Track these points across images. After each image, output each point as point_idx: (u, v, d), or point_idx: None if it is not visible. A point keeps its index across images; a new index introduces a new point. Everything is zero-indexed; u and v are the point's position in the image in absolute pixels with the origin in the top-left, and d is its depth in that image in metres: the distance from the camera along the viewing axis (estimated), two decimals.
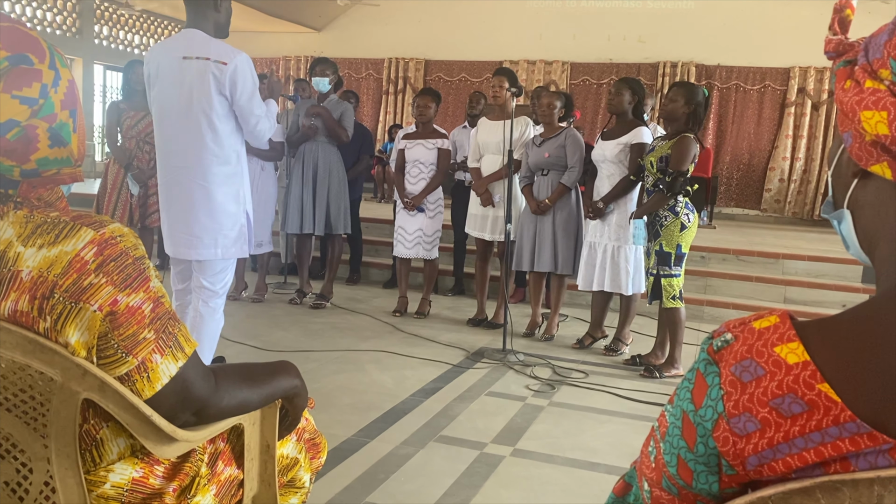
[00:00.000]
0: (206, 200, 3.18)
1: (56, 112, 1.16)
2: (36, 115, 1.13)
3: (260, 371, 1.42)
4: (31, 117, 1.12)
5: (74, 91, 1.20)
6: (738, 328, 0.75)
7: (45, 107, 1.14)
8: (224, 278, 3.33)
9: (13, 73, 1.12)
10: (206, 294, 3.29)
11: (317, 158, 5.44)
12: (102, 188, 5.73)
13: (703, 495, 0.76)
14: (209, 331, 3.30)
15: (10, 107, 1.11)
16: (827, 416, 0.67)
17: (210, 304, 3.29)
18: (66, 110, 1.17)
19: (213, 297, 3.30)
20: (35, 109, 1.13)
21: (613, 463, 3.07)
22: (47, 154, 1.14)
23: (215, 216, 3.20)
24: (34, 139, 1.13)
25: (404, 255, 5.55)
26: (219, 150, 3.18)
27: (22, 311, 1.09)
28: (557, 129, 4.95)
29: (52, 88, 1.15)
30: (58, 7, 11.74)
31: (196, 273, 3.31)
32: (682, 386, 0.78)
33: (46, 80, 1.14)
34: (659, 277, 4.20)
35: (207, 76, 3.10)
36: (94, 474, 1.19)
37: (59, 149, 1.16)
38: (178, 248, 3.27)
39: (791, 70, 11.38)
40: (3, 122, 1.10)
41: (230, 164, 3.22)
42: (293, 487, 1.61)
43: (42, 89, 1.14)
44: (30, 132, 1.12)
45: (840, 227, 0.81)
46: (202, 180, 3.17)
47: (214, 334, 3.35)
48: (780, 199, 11.60)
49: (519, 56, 12.47)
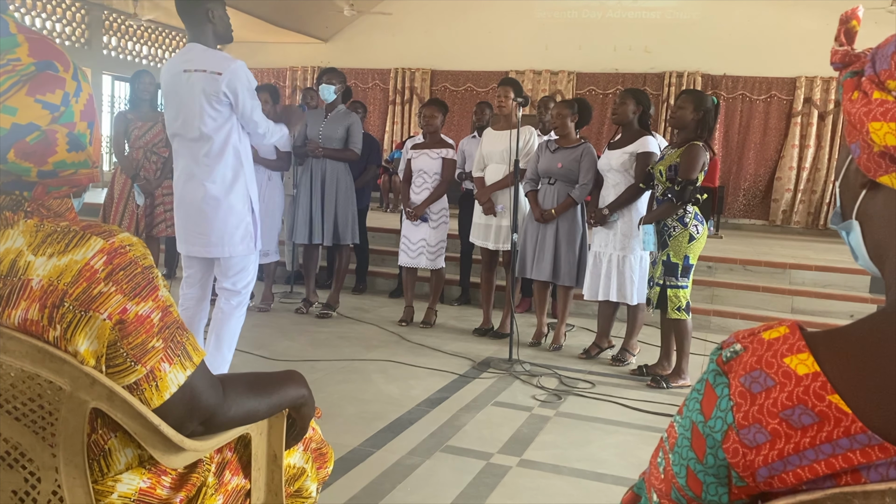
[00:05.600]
0: (211, 202, 3.34)
1: (76, 121, 1.18)
2: (56, 121, 1.15)
3: (267, 380, 1.42)
4: (51, 122, 1.14)
5: (93, 106, 1.22)
6: (748, 339, 0.75)
7: (66, 114, 1.16)
8: (245, 278, 3.48)
9: (38, 79, 1.14)
10: (227, 293, 3.48)
11: (324, 168, 5.46)
12: (109, 198, 5.75)
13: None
14: (229, 328, 3.49)
15: (32, 110, 1.12)
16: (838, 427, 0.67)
17: (232, 301, 3.47)
18: (84, 121, 1.19)
19: (235, 295, 3.47)
20: (56, 116, 1.15)
21: (621, 474, 3.06)
22: (65, 158, 1.16)
23: (221, 216, 3.35)
24: (53, 143, 1.15)
25: (408, 264, 5.55)
26: (219, 155, 3.32)
27: (32, 320, 1.09)
28: (575, 141, 4.91)
29: (74, 98, 1.17)
30: (66, 18, 11.82)
31: (218, 276, 3.49)
32: (691, 397, 0.78)
33: (69, 88, 1.17)
34: (665, 288, 4.19)
35: (204, 87, 3.24)
36: (102, 484, 1.19)
37: (77, 153, 1.18)
38: (190, 246, 3.43)
39: (797, 80, 11.37)
40: (24, 125, 1.12)
41: (232, 167, 3.36)
42: (300, 497, 1.60)
43: (64, 97, 1.16)
44: (49, 136, 1.14)
45: (849, 238, 0.81)
46: (207, 183, 3.33)
47: (235, 331, 3.52)
48: (787, 209, 11.57)
49: (525, 66, 12.50)
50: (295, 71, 13.92)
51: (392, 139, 13.08)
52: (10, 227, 1.15)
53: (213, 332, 3.49)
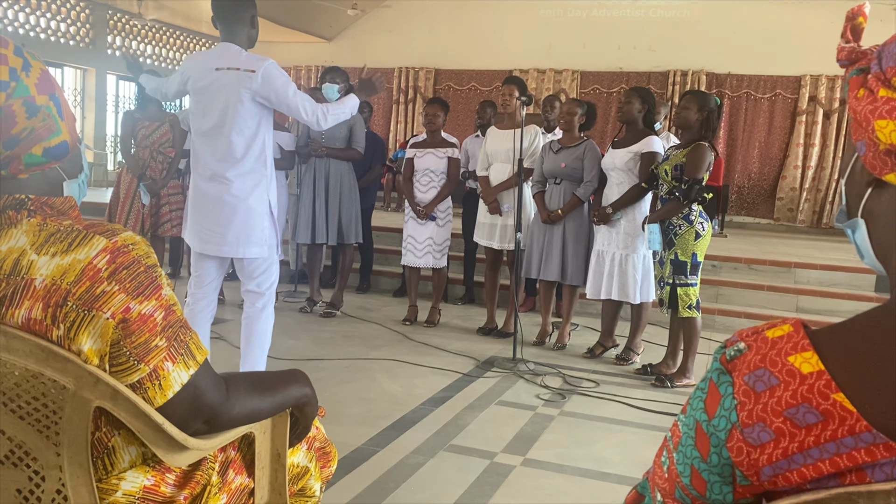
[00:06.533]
0: (231, 201, 3.30)
1: (33, 94, 1.15)
2: (10, 97, 1.12)
3: (271, 379, 1.42)
4: (6, 100, 1.12)
5: (50, 78, 1.19)
6: (752, 337, 0.74)
7: (19, 89, 1.13)
8: (268, 279, 3.47)
9: None
10: (252, 296, 3.47)
11: (328, 168, 5.46)
12: (115, 197, 5.76)
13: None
14: (258, 330, 3.48)
15: None
16: (842, 426, 0.66)
17: (257, 304, 3.46)
18: (44, 94, 1.16)
19: (260, 298, 3.46)
20: (9, 93, 1.12)
21: (624, 473, 3.05)
22: (25, 125, 1.14)
23: (239, 217, 3.31)
24: (12, 115, 1.13)
25: (415, 264, 5.55)
26: (243, 156, 3.29)
27: (35, 319, 1.09)
28: (578, 139, 4.91)
29: (23, 72, 1.14)
30: (71, 18, 11.85)
31: (242, 278, 3.48)
32: (694, 395, 0.78)
33: (14, 63, 1.14)
34: (675, 287, 4.18)
35: (238, 85, 3.23)
36: (106, 482, 1.19)
37: (35, 117, 1.15)
38: (204, 244, 3.39)
39: (802, 78, 11.34)
40: None
41: (255, 169, 3.32)
42: (304, 496, 1.60)
43: (11, 72, 1.13)
44: (6, 111, 1.12)
45: (854, 236, 0.80)
46: (229, 183, 3.29)
47: (265, 333, 3.50)
48: (792, 208, 11.54)
49: (529, 65, 12.49)
50: (299, 70, 13.93)
51: (396, 138, 13.09)
52: (14, 226, 1.15)
53: (243, 337, 3.47)
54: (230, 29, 3.30)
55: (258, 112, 3.29)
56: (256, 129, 3.29)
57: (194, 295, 3.51)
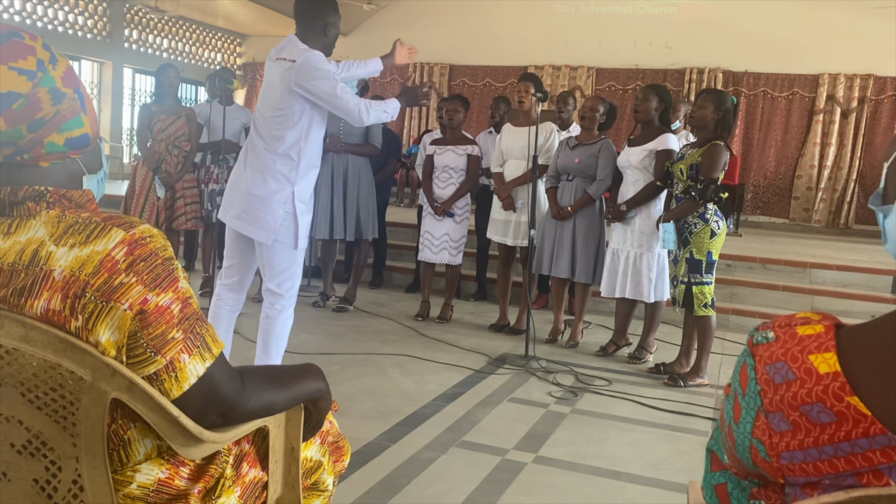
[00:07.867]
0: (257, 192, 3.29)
1: (59, 86, 1.17)
2: (37, 86, 1.14)
3: (285, 373, 1.42)
4: (33, 88, 1.14)
5: (75, 75, 1.21)
6: (783, 329, 0.76)
7: (45, 79, 1.15)
8: (288, 280, 3.40)
9: (7, 46, 1.14)
10: (271, 296, 3.40)
11: (346, 163, 5.47)
12: (130, 190, 5.79)
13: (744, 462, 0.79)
14: (276, 332, 3.41)
15: (8, 78, 1.13)
16: (856, 427, 0.66)
17: (276, 305, 3.39)
18: (69, 88, 1.19)
19: (279, 299, 3.39)
20: (35, 81, 1.14)
21: (636, 472, 3.04)
22: (49, 111, 1.16)
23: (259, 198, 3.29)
24: (37, 102, 1.15)
25: (430, 259, 5.55)
26: (282, 146, 3.29)
27: (54, 310, 1.10)
28: (595, 137, 4.89)
29: (50, 64, 1.17)
30: (88, 11, 11.92)
31: (263, 275, 3.42)
32: (735, 368, 0.82)
33: (42, 56, 1.16)
34: (690, 285, 4.16)
35: (282, 75, 3.27)
36: (121, 474, 1.20)
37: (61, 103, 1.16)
38: (225, 213, 3.40)
39: (820, 77, 11.24)
40: (5, 94, 1.12)
41: (292, 161, 3.31)
42: (317, 490, 1.61)
43: (39, 63, 1.15)
44: (32, 98, 1.14)
45: (885, 221, 0.81)
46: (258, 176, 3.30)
47: (281, 337, 3.44)
48: (808, 208, 11.46)
49: (544, 61, 12.45)
50: None
51: (409, 134, 13.09)
52: (33, 217, 1.16)
53: (259, 339, 3.44)
54: (302, 29, 3.37)
55: (301, 106, 3.27)
56: (297, 122, 3.28)
57: (222, 286, 3.51)
